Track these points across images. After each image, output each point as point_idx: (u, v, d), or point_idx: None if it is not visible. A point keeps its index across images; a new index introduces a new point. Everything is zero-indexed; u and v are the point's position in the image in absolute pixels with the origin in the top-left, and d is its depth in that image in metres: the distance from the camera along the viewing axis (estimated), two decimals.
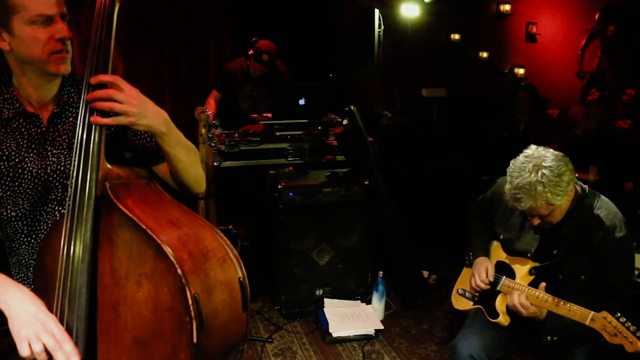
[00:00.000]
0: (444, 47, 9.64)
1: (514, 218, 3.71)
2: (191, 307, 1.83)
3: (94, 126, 2.06)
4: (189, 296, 1.83)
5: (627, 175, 6.40)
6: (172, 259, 1.84)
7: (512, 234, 3.72)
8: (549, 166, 3.19)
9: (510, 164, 3.34)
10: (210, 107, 7.01)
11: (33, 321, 1.91)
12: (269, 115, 6.59)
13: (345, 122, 5.81)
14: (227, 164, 6.09)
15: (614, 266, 3.37)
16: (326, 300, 5.69)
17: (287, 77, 7.23)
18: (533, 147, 3.37)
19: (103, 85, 2.06)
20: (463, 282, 4.10)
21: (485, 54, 9.91)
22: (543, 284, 3.35)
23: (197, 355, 1.87)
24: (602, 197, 3.49)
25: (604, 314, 3.07)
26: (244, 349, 5.03)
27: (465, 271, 4.12)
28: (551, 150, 3.33)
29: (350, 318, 5.46)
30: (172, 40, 7.89)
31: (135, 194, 2.08)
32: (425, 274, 6.35)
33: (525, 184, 3.19)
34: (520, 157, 3.31)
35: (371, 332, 5.31)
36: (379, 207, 5.88)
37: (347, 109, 5.79)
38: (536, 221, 3.36)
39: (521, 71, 10.10)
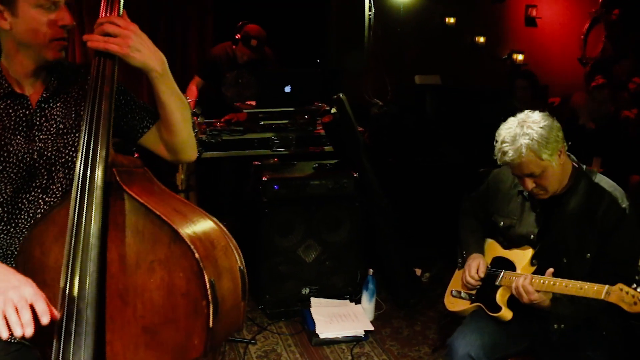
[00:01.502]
0: (439, 31, 9.68)
1: (514, 203, 3.83)
2: (209, 292, 1.92)
3: (103, 105, 2.14)
4: (206, 279, 1.92)
5: (633, 168, 6.40)
6: (189, 243, 1.94)
7: (513, 219, 3.81)
8: (533, 120, 3.43)
9: (499, 128, 3.57)
10: (191, 94, 7.08)
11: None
12: (253, 103, 6.65)
13: (333, 110, 5.91)
14: (208, 154, 6.14)
15: (621, 239, 3.46)
16: (313, 300, 5.75)
17: (275, 64, 7.31)
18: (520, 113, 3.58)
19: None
20: (456, 283, 4.17)
21: (482, 39, 9.93)
22: (550, 270, 3.39)
23: (211, 340, 1.96)
24: (600, 174, 3.65)
25: (620, 285, 3.12)
26: (226, 351, 5.09)
27: (458, 273, 4.20)
28: (537, 111, 3.55)
29: (339, 318, 5.51)
30: (150, 23, 7.96)
31: (137, 182, 2.15)
32: (418, 272, 6.41)
33: (509, 135, 3.43)
34: (509, 120, 3.55)
35: (360, 333, 5.37)
36: (369, 201, 5.96)
37: (335, 96, 5.89)
38: (530, 184, 3.49)
39: (520, 57, 10.10)
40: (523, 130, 3.38)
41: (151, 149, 2.68)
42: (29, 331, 1.88)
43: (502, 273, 3.78)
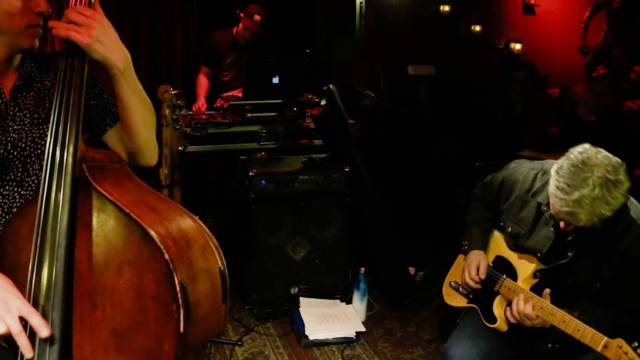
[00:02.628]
0: (433, 19, 9.59)
1: (527, 211, 3.67)
2: (179, 295, 1.89)
3: (72, 96, 2.12)
4: (176, 282, 1.89)
5: (636, 162, 6.33)
6: (159, 244, 1.91)
7: (523, 228, 3.67)
8: (614, 180, 3.07)
9: (563, 166, 3.19)
10: (202, 86, 7.31)
11: None
12: (239, 94, 6.64)
13: (323, 102, 5.88)
14: (193, 148, 6.08)
15: (636, 277, 3.36)
16: (302, 300, 5.74)
17: (277, 52, 7.35)
18: (587, 146, 3.22)
19: None
20: (457, 272, 4.12)
21: (478, 28, 9.87)
22: (547, 291, 3.32)
23: (182, 346, 1.93)
24: (630, 197, 3.37)
25: (619, 341, 3.01)
26: (211, 353, 5.07)
27: (460, 259, 4.15)
28: (607, 154, 3.17)
29: (329, 319, 5.50)
30: (133, 7, 7.90)
31: (111, 178, 2.13)
32: (412, 270, 6.40)
33: (586, 199, 3.06)
34: (577, 159, 3.15)
35: (352, 334, 5.36)
36: (361, 196, 5.95)
37: (325, 88, 5.87)
38: (570, 227, 3.30)
39: (518, 46, 10.06)
40: (604, 195, 3.05)
41: (112, 148, 2.65)
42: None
43: (502, 280, 3.71)
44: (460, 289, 4.02)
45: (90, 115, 2.58)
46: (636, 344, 3.00)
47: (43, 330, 1.90)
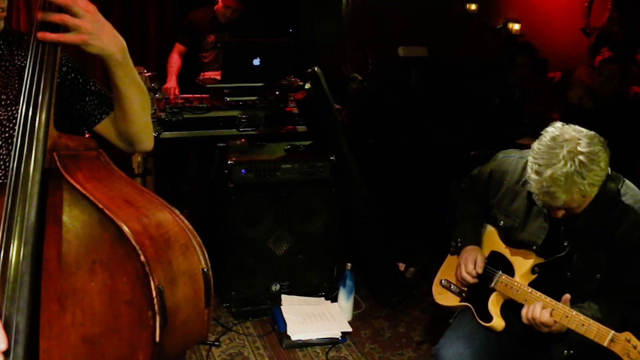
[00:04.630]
0: None
1: (518, 203, 3.69)
2: (155, 300, 1.85)
3: (43, 77, 2.09)
4: (152, 287, 1.85)
5: None
6: (134, 244, 1.87)
7: (516, 221, 3.69)
8: (587, 152, 3.10)
9: (534, 148, 3.25)
10: (173, 65, 7.29)
11: None
12: (218, 77, 6.62)
13: (307, 86, 5.87)
14: (168, 134, 6.06)
15: (639, 265, 3.38)
16: (284, 297, 5.74)
17: (262, 32, 7.36)
18: (558, 124, 3.27)
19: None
20: (447, 272, 4.12)
21: (473, 6, 9.89)
22: (567, 296, 3.28)
23: (157, 356, 1.90)
24: (627, 181, 3.46)
25: (627, 335, 3.03)
26: (186, 354, 5.03)
27: (450, 259, 4.16)
28: (579, 128, 3.23)
29: (313, 318, 5.50)
30: None
31: (86, 168, 2.09)
32: (402, 267, 6.42)
33: (560, 175, 3.08)
34: (547, 139, 3.21)
35: (337, 335, 5.36)
36: (347, 187, 5.94)
37: (310, 70, 5.84)
38: (561, 214, 3.35)
39: (516, 27, 10.07)
40: (575, 168, 3.08)
41: (106, 137, 2.66)
42: None
43: (498, 275, 3.72)
44: (452, 287, 4.03)
45: (82, 103, 2.59)
46: None
47: (0, 344, 1.89)
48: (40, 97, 2.07)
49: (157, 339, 1.89)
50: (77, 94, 2.58)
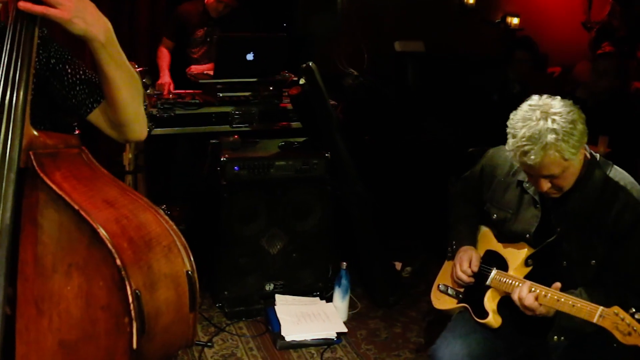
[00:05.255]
0: None
1: (510, 193, 3.73)
2: (131, 306, 1.83)
3: (21, 57, 2.07)
4: (129, 292, 1.83)
5: None
6: (110, 247, 1.84)
7: (508, 212, 3.73)
8: (559, 112, 3.20)
9: (511, 117, 3.34)
10: (164, 59, 7.23)
11: None
12: (210, 72, 6.60)
13: (302, 81, 5.85)
14: (160, 131, 6.05)
15: (634, 248, 3.38)
16: (278, 297, 5.71)
17: (253, 28, 7.34)
18: (535, 96, 3.36)
19: None
20: (445, 277, 4.13)
21: (471, 0, 9.92)
22: (558, 285, 3.30)
23: None
24: (616, 166, 3.50)
25: (615, 309, 3.04)
26: (178, 355, 5.00)
27: (447, 265, 4.17)
28: (558, 97, 3.34)
29: (307, 318, 5.48)
30: None
31: (65, 167, 2.07)
32: (399, 266, 6.40)
33: (534, 132, 3.17)
34: (523, 107, 3.32)
35: (332, 335, 5.34)
36: (343, 184, 5.93)
37: (304, 66, 5.83)
38: (546, 185, 3.34)
39: (515, 21, 10.02)
40: (547, 125, 3.16)
41: (99, 127, 2.65)
42: None
43: (492, 272, 3.72)
44: (449, 290, 4.04)
45: (74, 92, 2.57)
46: (633, 311, 3.04)
47: None
48: (17, 77, 2.06)
49: (135, 346, 1.86)
50: (67, 85, 2.55)
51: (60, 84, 2.53)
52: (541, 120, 3.18)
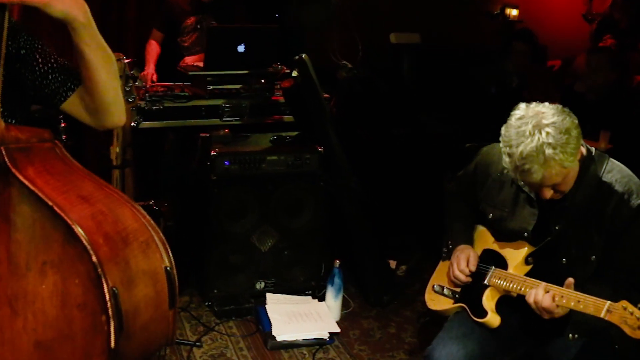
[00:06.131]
0: None
1: (505, 192, 3.74)
2: (109, 304, 1.83)
3: None
4: (105, 290, 1.82)
5: None
6: (85, 243, 1.84)
7: (504, 211, 3.73)
8: (552, 122, 3.18)
9: (502, 133, 3.32)
10: (151, 52, 7.19)
11: None
12: (200, 64, 6.59)
13: (294, 74, 5.86)
14: (148, 124, 6.00)
15: (635, 242, 3.40)
16: (269, 296, 5.71)
17: (245, 19, 7.33)
18: (522, 105, 3.35)
19: None
20: (440, 277, 4.13)
21: None
22: (571, 280, 3.29)
23: None
24: (612, 159, 3.51)
25: (624, 303, 3.04)
26: (166, 355, 5.01)
27: (442, 265, 4.17)
28: (546, 103, 3.32)
29: (299, 318, 5.48)
30: None
31: (38, 162, 2.06)
32: (393, 264, 6.41)
33: (531, 150, 3.15)
34: (512, 121, 3.28)
35: (324, 335, 5.34)
36: (336, 180, 5.93)
37: (297, 58, 5.84)
38: (549, 193, 3.35)
39: (514, 12, 10.01)
40: (543, 139, 3.14)
41: (74, 115, 2.65)
42: None
43: (491, 271, 3.73)
44: (444, 290, 4.03)
45: (47, 81, 2.56)
46: None
47: None
48: None
49: (113, 345, 1.86)
50: (38, 74, 2.54)
51: (32, 74, 2.52)
52: (536, 135, 3.16)
